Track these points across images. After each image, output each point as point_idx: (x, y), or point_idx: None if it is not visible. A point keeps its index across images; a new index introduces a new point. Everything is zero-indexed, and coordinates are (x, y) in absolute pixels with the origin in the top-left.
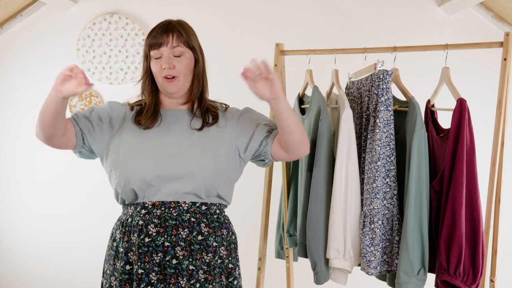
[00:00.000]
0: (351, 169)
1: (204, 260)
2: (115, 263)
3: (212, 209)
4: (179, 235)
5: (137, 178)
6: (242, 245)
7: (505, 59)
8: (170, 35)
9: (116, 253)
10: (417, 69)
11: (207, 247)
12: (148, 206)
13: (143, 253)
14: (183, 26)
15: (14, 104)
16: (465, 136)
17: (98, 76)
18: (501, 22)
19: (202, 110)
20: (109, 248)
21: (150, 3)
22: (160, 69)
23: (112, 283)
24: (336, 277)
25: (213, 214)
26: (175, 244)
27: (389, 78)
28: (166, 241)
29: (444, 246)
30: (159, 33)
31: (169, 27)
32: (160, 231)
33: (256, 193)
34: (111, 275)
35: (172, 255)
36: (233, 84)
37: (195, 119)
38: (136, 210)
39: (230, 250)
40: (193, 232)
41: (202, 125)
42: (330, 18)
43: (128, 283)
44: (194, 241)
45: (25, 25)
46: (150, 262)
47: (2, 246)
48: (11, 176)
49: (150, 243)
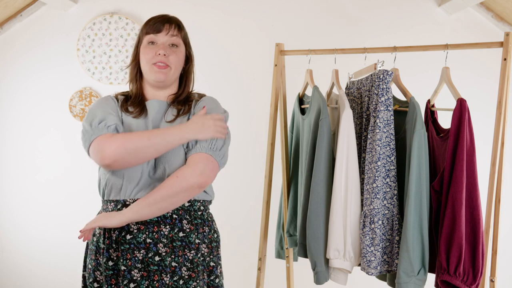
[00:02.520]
0: (351, 169)
1: (187, 257)
2: (98, 258)
3: (195, 205)
4: (160, 231)
5: (117, 174)
6: (242, 245)
7: (505, 59)
8: (172, 25)
9: (98, 249)
10: (417, 69)
11: (189, 243)
12: (129, 204)
13: (125, 250)
14: (181, 22)
15: (14, 104)
16: (465, 136)
17: (98, 76)
18: (501, 22)
19: (180, 102)
20: (90, 242)
21: (150, 3)
22: (153, 56)
23: (98, 278)
24: (336, 277)
25: (197, 211)
26: (157, 241)
27: (389, 78)
28: (148, 238)
29: (444, 246)
30: (160, 21)
31: (171, 18)
32: (141, 228)
33: (256, 193)
34: (95, 269)
35: (154, 252)
36: (233, 84)
37: (170, 111)
38: (117, 207)
39: (211, 248)
40: (175, 228)
41: (176, 117)
42: (330, 18)
43: (113, 278)
44: (175, 238)
45: (25, 25)
46: (132, 259)
47: (2, 246)
48: (12, 176)
49: (131, 240)
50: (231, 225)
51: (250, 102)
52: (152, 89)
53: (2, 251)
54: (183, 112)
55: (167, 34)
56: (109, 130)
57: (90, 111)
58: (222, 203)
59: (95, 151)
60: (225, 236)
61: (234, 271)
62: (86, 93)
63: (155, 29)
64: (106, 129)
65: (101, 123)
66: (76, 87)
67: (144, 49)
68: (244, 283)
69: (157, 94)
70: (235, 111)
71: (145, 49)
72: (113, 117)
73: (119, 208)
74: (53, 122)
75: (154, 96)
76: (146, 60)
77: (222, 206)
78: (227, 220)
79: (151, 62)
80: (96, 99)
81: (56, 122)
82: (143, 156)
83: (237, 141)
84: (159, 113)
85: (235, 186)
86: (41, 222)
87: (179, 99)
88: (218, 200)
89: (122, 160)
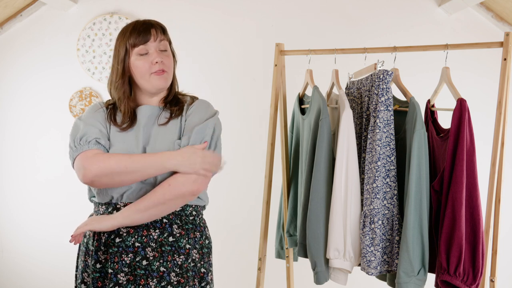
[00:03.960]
0: (351, 169)
1: (176, 262)
2: (87, 259)
3: (187, 210)
4: (150, 235)
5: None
6: (242, 245)
7: (505, 59)
8: (155, 30)
9: (87, 250)
10: (417, 69)
11: (179, 248)
12: (120, 207)
13: (113, 253)
14: (162, 24)
15: (14, 104)
16: (465, 136)
17: (98, 76)
18: (501, 22)
19: (171, 104)
20: (81, 243)
21: (150, 3)
22: (150, 66)
23: (85, 279)
24: (336, 277)
25: (189, 216)
26: (145, 245)
27: (389, 78)
28: (137, 242)
29: (444, 246)
30: (144, 29)
31: (151, 22)
32: (130, 232)
33: (256, 193)
34: (83, 271)
35: (142, 256)
36: (233, 84)
37: (163, 115)
38: (108, 210)
39: (202, 254)
40: (164, 233)
41: (168, 120)
42: (330, 18)
43: (100, 280)
44: (165, 242)
45: (25, 25)
46: (119, 262)
47: (2, 246)
48: (12, 176)
49: (120, 243)
50: (231, 225)
51: (250, 102)
52: (147, 97)
53: (2, 251)
54: (175, 115)
55: (156, 40)
56: (90, 145)
57: (74, 124)
58: (222, 203)
59: (76, 168)
60: (225, 236)
61: (234, 271)
62: (86, 93)
63: (143, 39)
64: (87, 145)
65: (82, 139)
66: (76, 87)
67: (136, 62)
68: (244, 283)
69: (151, 100)
70: (235, 111)
71: (137, 62)
72: (94, 129)
73: (110, 211)
74: (53, 122)
75: (148, 102)
76: (142, 73)
77: (222, 206)
78: (227, 220)
79: (149, 72)
80: (96, 99)
81: (56, 122)
82: (119, 181)
83: (237, 141)
84: (151, 118)
85: (235, 186)
86: (41, 222)
87: (168, 99)
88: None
89: (99, 181)
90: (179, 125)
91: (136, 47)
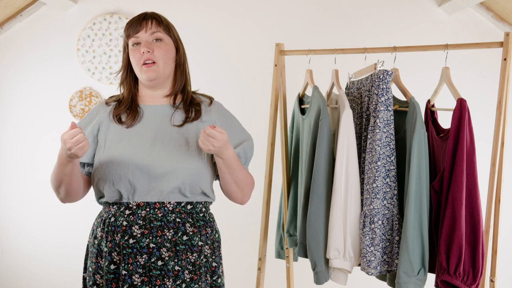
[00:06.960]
0: (351, 169)
1: (189, 260)
2: (99, 261)
3: (197, 207)
4: (164, 236)
5: (121, 179)
6: (242, 245)
7: (505, 59)
8: (149, 21)
9: (99, 252)
10: (417, 69)
11: (192, 246)
12: (133, 207)
13: (127, 254)
14: (160, 15)
15: (14, 104)
16: (465, 136)
17: (98, 76)
18: (501, 22)
19: (186, 104)
20: (91, 245)
21: (150, 3)
22: (139, 56)
23: (98, 281)
24: (336, 277)
25: (199, 213)
26: (160, 246)
27: (389, 78)
28: (152, 243)
29: (444, 246)
30: (136, 20)
31: (147, 14)
32: (144, 233)
33: (256, 193)
34: (95, 272)
35: (157, 256)
36: (233, 84)
37: (177, 114)
38: (120, 210)
39: (213, 249)
40: (178, 232)
41: (184, 121)
42: (330, 18)
43: (114, 282)
44: (179, 242)
45: (25, 25)
46: (133, 263)
47: (2, 245)
48: (12, 176)
49: (134, 244)
50: (231, 225)
51: (250, 102)
52: (148, 91)
53: (2, 251)
54: (191, 119)
55: (147, 31)
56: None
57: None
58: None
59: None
60: (225, 236)
61: (234, 271)
62: (86, 93)
63: (135, 30)
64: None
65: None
66: (76, 87)
67: (131, 52)
68: (244, 283)
69: (154, 94)
70: (235, 111)
71: (131, 51)
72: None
73: (122, 210)
74: (53, 122)
75: (152, 97)
76: (135, 64)
77: (222, 206)
78: (227, 220)
79: (140, 63)
80: (96, 99)
81: (56, 122)
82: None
83: None
84: (162, 117)
85: None
86: (41, 222)
87: (183, 99)
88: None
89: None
90: (195, 128)
91: (130, 38)
